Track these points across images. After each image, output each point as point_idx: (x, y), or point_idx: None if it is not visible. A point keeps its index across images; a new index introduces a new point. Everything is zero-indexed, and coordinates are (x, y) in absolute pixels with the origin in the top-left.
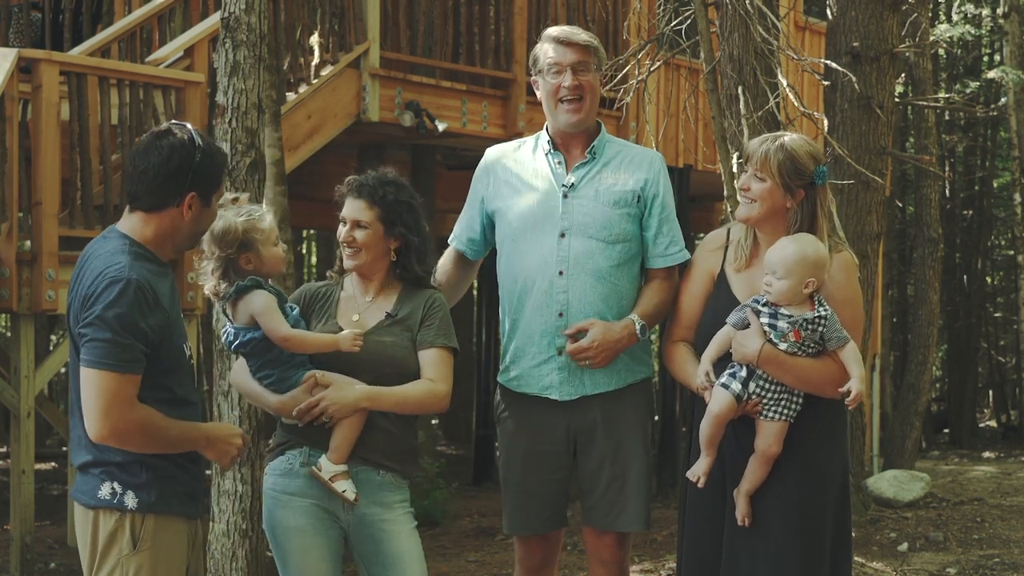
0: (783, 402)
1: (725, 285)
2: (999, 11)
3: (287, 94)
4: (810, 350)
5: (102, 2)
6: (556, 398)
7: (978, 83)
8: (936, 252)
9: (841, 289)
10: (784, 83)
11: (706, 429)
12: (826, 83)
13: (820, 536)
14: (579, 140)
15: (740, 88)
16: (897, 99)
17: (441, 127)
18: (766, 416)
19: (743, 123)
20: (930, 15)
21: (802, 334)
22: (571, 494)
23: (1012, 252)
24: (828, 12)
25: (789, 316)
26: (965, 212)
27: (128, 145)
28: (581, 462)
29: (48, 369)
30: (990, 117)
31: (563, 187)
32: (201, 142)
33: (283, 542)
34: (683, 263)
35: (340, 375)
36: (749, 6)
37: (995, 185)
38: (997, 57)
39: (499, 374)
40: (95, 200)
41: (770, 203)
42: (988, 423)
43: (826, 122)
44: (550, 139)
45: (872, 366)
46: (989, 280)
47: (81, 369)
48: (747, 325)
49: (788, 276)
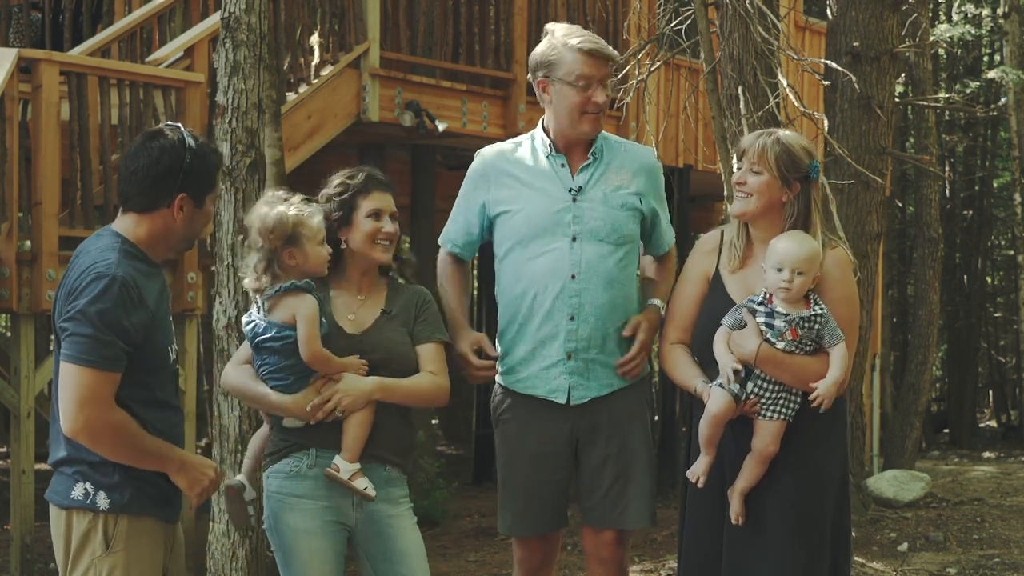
0: (781, 401)
1: (720, 286)
2: (999, 11)
3: (287, 94)
4: (807, 348)
5: (102, 2)
6: (562, 402)
7: (978, 83)
8: (936, 252)
9: (838, 286)
10: (784, 83)
11: (705, 429)
12: (826, 83)
13: (819, 535)
14: (581, 141)
15: (740, 88)
16: (897, 99)
17: (441, 127)
18: (764, 416)
19: (743, 123)
20: (930, 15)
21: (799, 332)
22: (570, 494)
23: (1012, 252)
24: (828, 12)
25: (786, 315)
26: (965, 212)
27: (128, 145)
28: (583, 461)
29: (48, 369)
30: (990, 117)
31: (571, 191)
32: (193, 143)
33: (290, 544)
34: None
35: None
36: (749, 6)
37: (995, 185)
38: (997, 57)
39: (500, 376)
40: (95, 200)
41: (767, 197)
42: (988, 423)
43: (826, 122)
44: (551, 141)
45: (872, 366)
46: (989, 280)
47: (60, 364)
48: (743, 325)
49: (807, 272)
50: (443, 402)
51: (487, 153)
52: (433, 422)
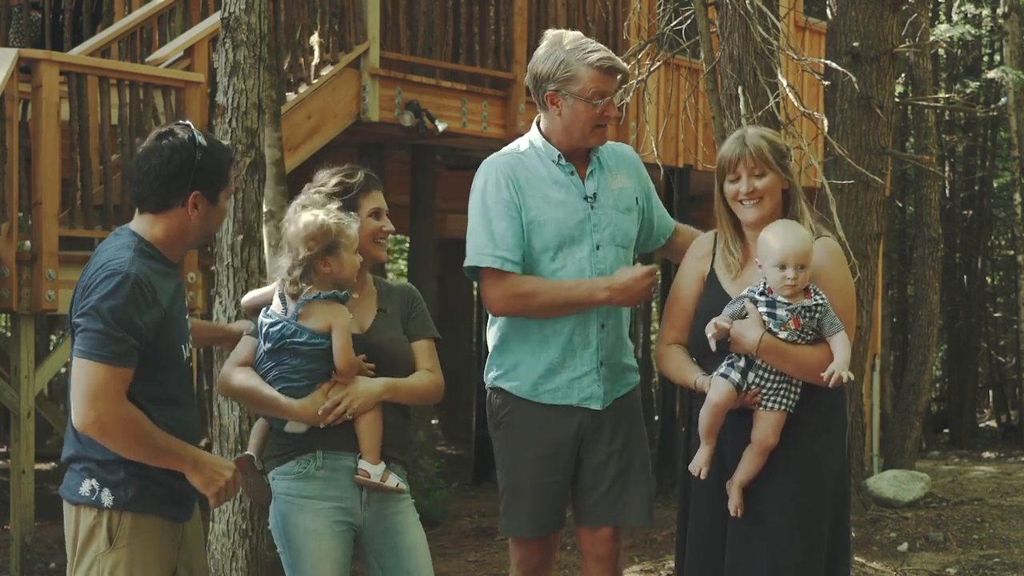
0: (782, 392)
1: (716, 285)
2: (999, 11)
3: (287, 94)
4: (808, 338)
5: (102, 2)
6: (598, 408)
7: (978, 83)
8: (936, 252)
9: (833, 277)
10: (784, 83)
11: (705, 418)
12: (826, 83)
13: (819, 528)
14: (583, 149)
15: (740, 88)
16: (897, 99)
17: (441, 127)
18: (765, 406)
19: (743, 123)
20: (930, 15)
21: (801, 322)
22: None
23: (1012, 252)
24: (828, 12)
25: (788, 304)
26: (965, 212)
27: (128, 145)
28: (586, 459)
29: (48, 369)
30: (990, 117)
31: (586, 198)
32: (204, 141)
33: (299, 545)
34: None
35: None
36: (749, 6)
37: (995, 185)
38: (997, 57)
39: (505, 384)
40: (95, 200)
41: (776, 194)
42: (988, 423)
43: (826, 122)
44: (556, 149)
45: (872, 366)
46: (989, 280)
47: (73, 358)
48: (744, 315)
49: (808, 263)
50: (439, 398)
51: (499, 162)
52: (433, 422)
